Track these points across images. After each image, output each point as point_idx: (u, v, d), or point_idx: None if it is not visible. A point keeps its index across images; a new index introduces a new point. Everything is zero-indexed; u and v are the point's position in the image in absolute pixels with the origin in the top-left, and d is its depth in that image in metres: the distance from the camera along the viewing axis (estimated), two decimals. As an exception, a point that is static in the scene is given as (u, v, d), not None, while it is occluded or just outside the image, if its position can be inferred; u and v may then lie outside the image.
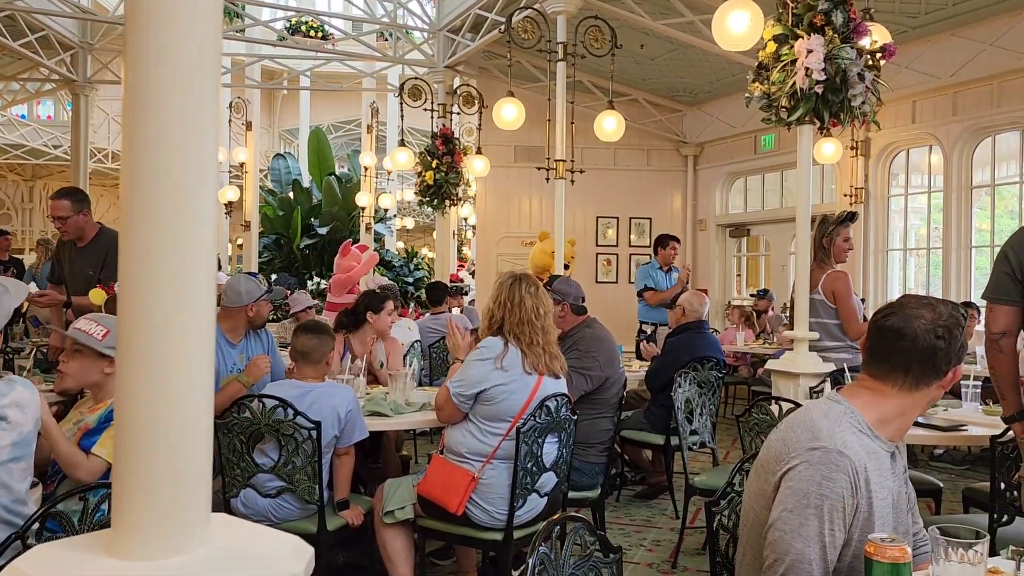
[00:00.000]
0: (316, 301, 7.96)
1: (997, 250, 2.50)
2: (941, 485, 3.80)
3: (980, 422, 3.31)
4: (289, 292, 7.04)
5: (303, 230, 14.02)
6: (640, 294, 7.43)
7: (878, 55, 3.97)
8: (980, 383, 3.56)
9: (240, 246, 13.41)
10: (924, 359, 1.65)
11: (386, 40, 11.48)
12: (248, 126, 11.12)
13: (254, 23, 10.64)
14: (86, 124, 10.51)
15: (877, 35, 4.05)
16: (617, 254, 10.62)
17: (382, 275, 13.66)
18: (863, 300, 4.95)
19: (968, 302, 6.83)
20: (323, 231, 13.90)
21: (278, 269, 13.74)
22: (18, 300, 2.31)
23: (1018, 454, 2.60)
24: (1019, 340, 2.57)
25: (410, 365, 4.21)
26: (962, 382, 3.68)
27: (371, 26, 10.49)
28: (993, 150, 7.50)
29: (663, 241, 7.43)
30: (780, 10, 4.04)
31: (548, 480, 3.19)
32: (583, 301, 4.19)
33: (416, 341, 6.38)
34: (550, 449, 3.16)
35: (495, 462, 3.03)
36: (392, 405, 3.60)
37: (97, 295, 4.07)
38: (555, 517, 1.62)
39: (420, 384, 4.97)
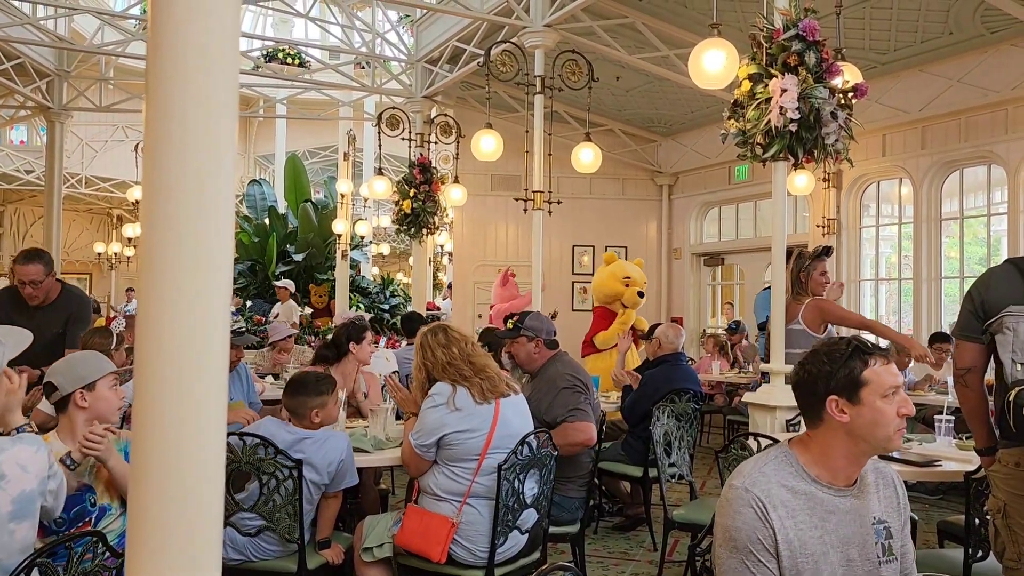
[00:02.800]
0: (296, 331, 7.86)
1: (967, 279, 2.57)
2: (916, 518, 3.84)
3: (954, 456, 3.36)
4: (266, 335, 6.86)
5: (278, 256, 13.94)
6: (761, 327, 6.00)
7: (850, 94, 4.07)
8: (953, 417, 3.62)
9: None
10: (799, 394, 1.81)
11: (363, 68, 11.54)
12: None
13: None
14: (60, 150, 10.43)
15: (849, 75, 4.14)
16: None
17: (356, 302, 13.62)
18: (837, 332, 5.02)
19: (938, 333, 6.94)
20: (299, 257, 13.83)
21: (253, 296, 13.63)
22: (17, 350, 2.22)
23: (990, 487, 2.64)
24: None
25: (389, 399, 4.18)
26: (935, 416, 3.74)
27: (348, 55, 10.54)
28: (961, 182, 7.68)
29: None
30: (755, 50, 4.12)
31: (529, 516, 3.19)
32: (554, 334, 4.22)
33: (394, 372, 6.35)
34: (531, 486, 3.16)
35: (472, 500, 3.03)
36: (372, 440, 3.58)
37: None
38: (544, 568, 1.62)
39: (400, 417, 4.96)
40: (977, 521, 2.92)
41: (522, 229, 9.70)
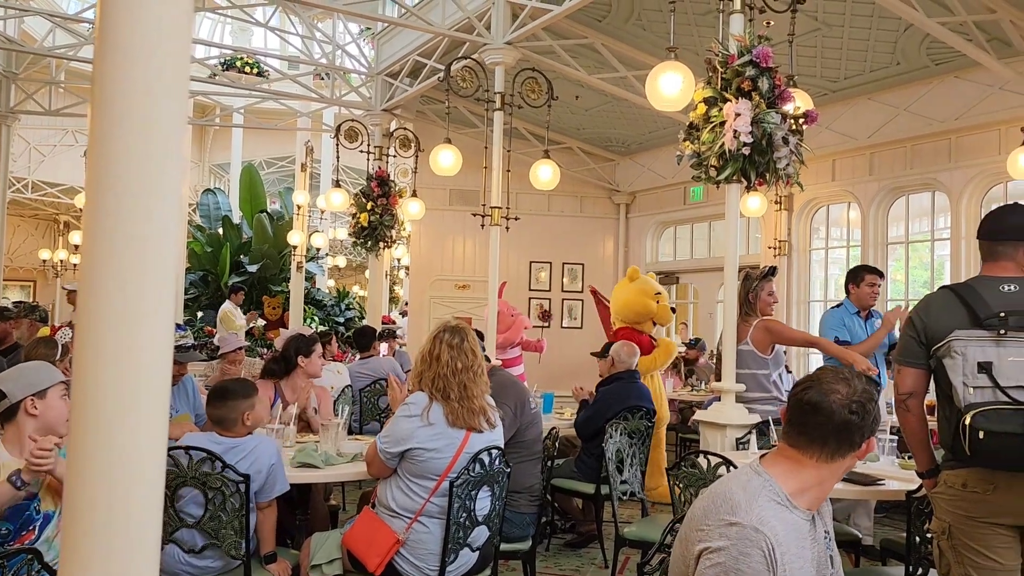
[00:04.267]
0: (247, 343, 7.73)
1: (911, 302, 2.64)
2: (860, 536, 3.92)
3: (897, 476, 3.43)
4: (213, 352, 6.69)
5: (232, 267, 13.74)
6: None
7: (801, 120, 4.16)
8: (896, 437, 3.70)
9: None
10: (840, 433, 1.73)
11: (323, 80, 11.47)
12: (178, 161, 10.90)
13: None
14: (6, 154, 10.14)
15: (800, 101, 4.25)
16: (550, 299, 10.71)
17: (311, 314, 13.47)
18: (784, 352, 5.11)
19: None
20: (253, 268, 13.64)
21: (204, 307, 13.40)
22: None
23: (932, 508, 2.70)
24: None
25: (341, 414, 4.14)
26: (878, 434, 3.83)
27: (308, 66, 10.47)
28: (907, 208, 7.90)
29: (857, 275, 5.19)
30: (710, 74, 4.20)
31: (480, 534, 3.17)
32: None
33: (347, 386, 6.29)
34: (483, 503, 3.15)
35: (424, 519, 3.00)
36: (323, 456, 3.53)
37: None
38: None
39: (351, 432, 4.90)
40: (918, 539, 2.99)
41: (480, 244, 9.71)
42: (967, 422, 2.27)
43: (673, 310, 6.15)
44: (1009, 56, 6.21)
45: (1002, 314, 2.37)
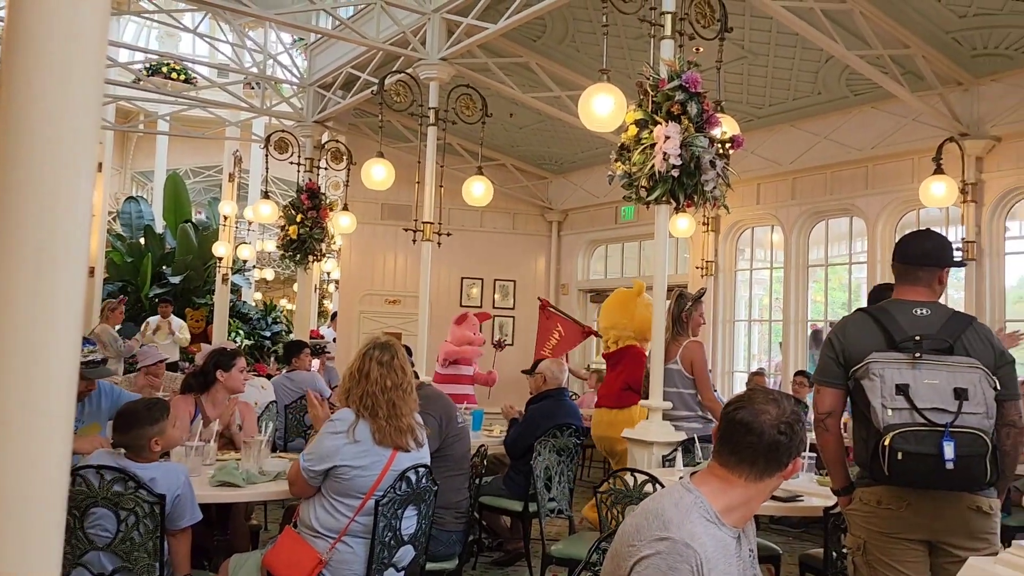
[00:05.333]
0: (167, 356, 7.46)
1: (830, 322, 2.71)
2: (780, 552, 4.01)
3: (815, 492, 3.52)
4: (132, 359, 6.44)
5: (153, 278, 13.29)
6: None
7: (728, 145, 4.27)
8: (814, 454, 3.80)
9: (81, 292, 12.54)
10: (769, 453, 1.77)
11: (253, 89, 11.26)
12: (98, 167, 10.53)
13: (112, 64, 10.16)
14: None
15: (727, 126, 4.36)
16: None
17: (237, 328, 13.14)
18: (710, 370, 5.21)
19: (800, 371, 7.38)
20: (175, 280, 13.23)
21: (123, 319, 12.91)
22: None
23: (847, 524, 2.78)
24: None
25: (265, 430, 4.02)
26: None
27: (238, 74, 10.26)
28: (826, 232, 8.19)
29: (884, 296, 4.47)
30: (641, 97, 4.28)
31: (406, 554, 3.13)
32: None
33: (272, 402, 6.14)
34: (409, 522, 3.10)
35: (348, 539, 2.94)
36: (244, 474, 3.43)
37: None
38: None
39: (276, 449, 4.78)
40: (835, 554, 3.07)
41: (411, 259, 9.64)
42: (886, 443, 2.34)
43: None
44: (922, 89, 6.52)
45: (916, 337, 2.46)
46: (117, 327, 9.17)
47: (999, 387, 2.43)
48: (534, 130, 9.50)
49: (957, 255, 6.12)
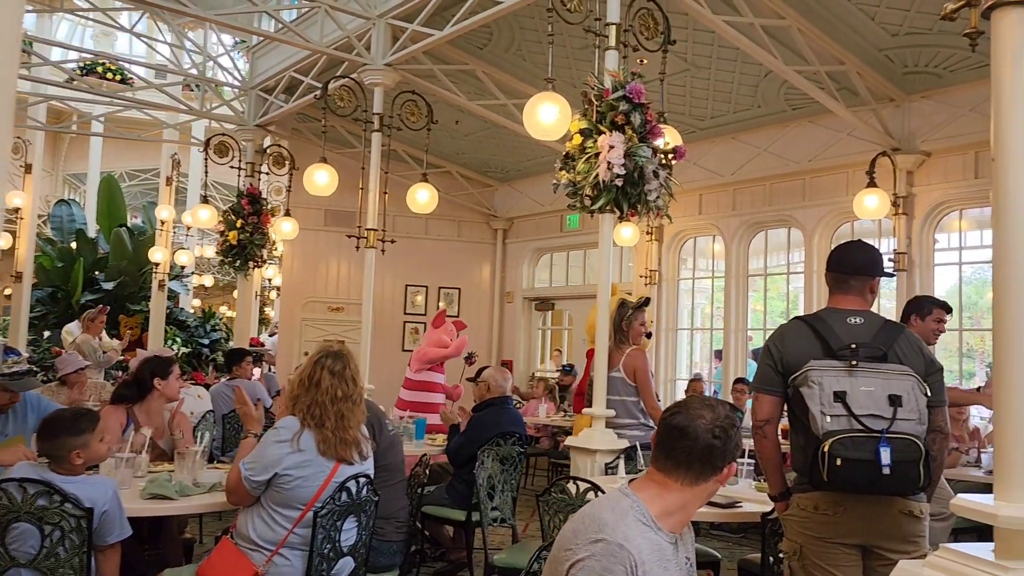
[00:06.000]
0: (88, 363, 7.17)
1: (768, 331, 2.75)
2: (719, 557, 4.05)
3: (753, 498, 3.58)
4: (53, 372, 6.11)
5: (85, 284, 12.86)
6: None
7: (670, 155, 4.33)
8: (753, 461, 3.86)
9: (8, 297, 12.07)
10: (703, 457, 1.80)
11: (192, 91, 11.01)
12: (27, 168, 10.16)
13: (42, 63, 9.83)
14: None
15: (670, 137, 4.42)
16: (425, 323, 10.62)
17: (174, 336, 12.81)
18: (653, 377, 5.27)
19: (739, 378, 7.52)
20: (109, 286, 12.82)
21: (52, 325, 12.47)
22: None
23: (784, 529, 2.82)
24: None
25: (201, 441, 3.91)
26: (738, 460, 3.98)
27: (176, 76, 10.02)
28: (766, 242, 8.37)
29: (923, 306, 4.26)
30: (586, 106, 4.31)
31: (345, 565, 3.07)
32: None
33: (209, 411, 5.98)
34: (348, 534, 3.04)
35: (286, 551, 2.87)
36: (177, 486, 3.32)
37: None
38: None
39: (212, 460, 4.65)
40: (772, 559, 3.11)
41: (355, 266, 9.54)
42: (826, 449, 2.39)
43: (649, 335, 5.50)
44: (856, 105, 6.71)
45: (852, 346, 2.52)
46: (98, 338, 8.86)
47: (929, 394, 2.50)
48: (480, 138, 9.49)
49: (889, 266, 6.31)
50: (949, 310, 4.34)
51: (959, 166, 6.57)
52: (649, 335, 5.14)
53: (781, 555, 2.85)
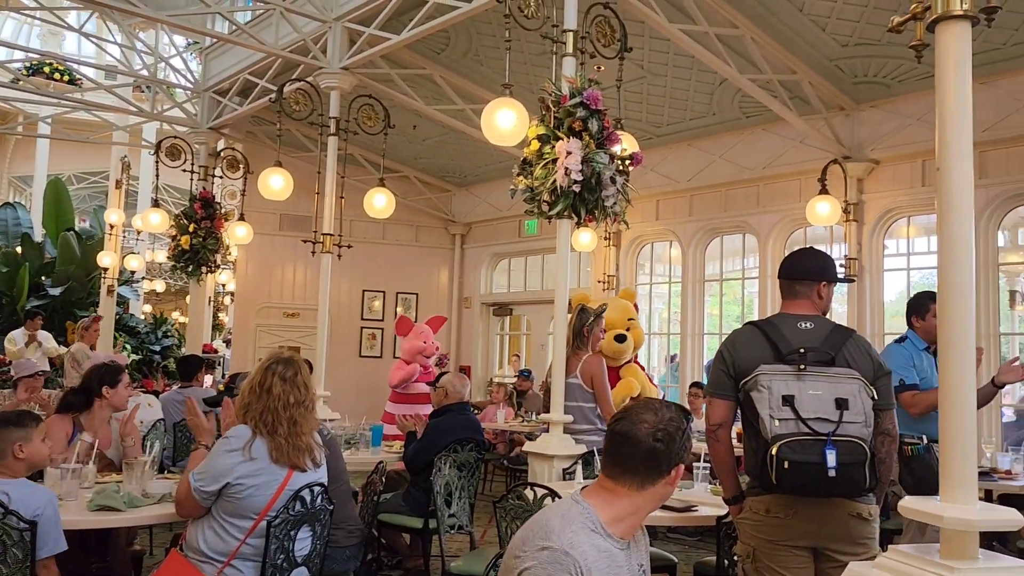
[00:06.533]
0: (41, 368, 7.01)
1: (724, 335, 2.77)
2: (676, 560, 4.08)
3: (709, 502, 3.61)
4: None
5: (31, 289, 12.51)
6: (898, 394, 3.67)
7: (627, 161, 4.36)
8: (708, 464, 3.90)
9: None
10: (647, 460, 1.81)
11: (143, 92, 10.80)
12: (-30, 170, 9.86)
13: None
14: None
15: (627, 143, 4.44)
16: (383, 328, 10.57)
17: (124, 343, 12.52)
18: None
19: (696, 382, 7.59)
20: (55, 292, 12.50)
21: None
22: None
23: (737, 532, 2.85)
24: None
25: (150, 451, 3.82)
26: (693, 464, 4.02)
27: (127, 77, 9.81)
28: (721, 248, 8.48)
29: (922, 306, 4.16)
30: (544, 112, 4.31)
31: (299, 576, 3.01)
32: None
33: (159, 419, 5.85)
34: (303, 543, 2.99)
35: (238, 562, 2.81)
36: (126, 498, 3.23)
37: None
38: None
39: (163, 469, 4.55)
40: (727, 562, 3.14)
41: (311, 271, 9.43)
42: (774, 452, 2.42)
43: (619, 338, 5.12)
44: (809, 113, 6.85)
45: (801, 350, 2.56)
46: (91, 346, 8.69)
47: (876, 397, 2.54)
48: (438, 142, 9.47)
49: (840, 271, 6.44)
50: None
51: (907, 174, 6.74)
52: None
53: (736, 558, 2.88)
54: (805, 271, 2.81)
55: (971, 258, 1.83)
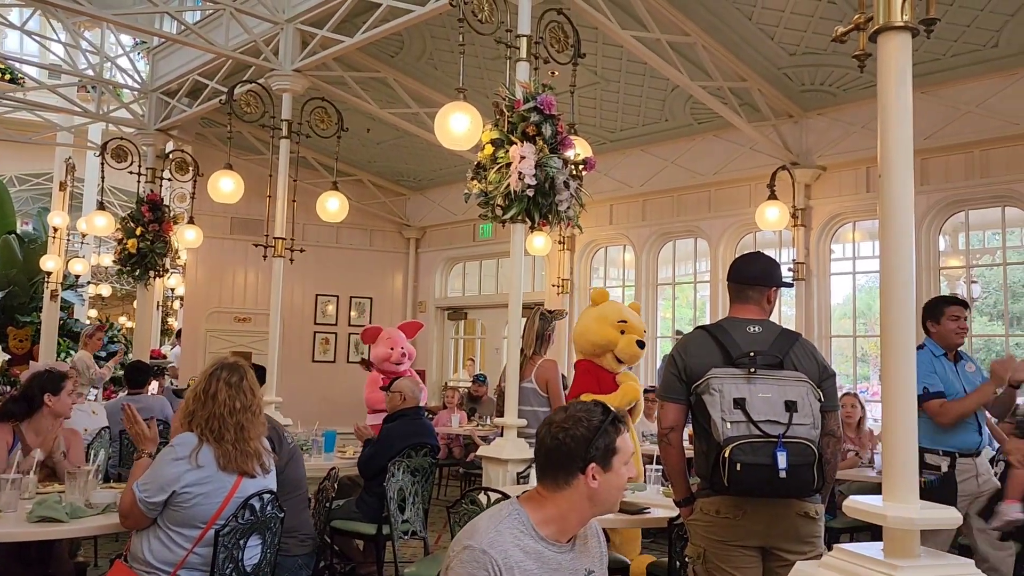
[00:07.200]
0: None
1: (678, 338, 2.80)
2: (629, 562, 4.11)
3: (661, 504, 3.65)
4: None
5: (-30, 294, 12.11)
6: (922, 403, 3.57)
7: (581, 166, 4.39)
8: (660, 467, 3.94)
9: None
10: (551, 459, 1.84)
11: (88, 92, 10.53)
12: (-96, 171, 9.51)
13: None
14: None
15: (580, 148, 4.48)
16: (336, 333, 10.46)
17: (68, 348, 12.18)
18: (565, 388, 5.31)
19: (650, 386, 7.65)
20: (-4, 296, 12.11)
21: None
22: None
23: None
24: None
25: (94, 460, 3.72)
26: (646, 466, 4.06)
27: (71, 76, 9.55)
28: (674, 252, 8.58)
29: (936, 310, 4.07)
30: (497, 117, 4.33)
31: (249, 586, 2.96)
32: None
33: (104, 428, 5.71)
34: (252, 552, 2.94)
35: (185, 572, 2.76)
36: (68, 508, 3.14)
37: None
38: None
39: (107, 479, 4.44)
40: (679, 564, 3.18)
41: (262, 276, 9.30)
42: (726, 455, 2.45)
43: (641, 345, 5.00)
44: (758, 120, 6.97)
45: (751, 353, 2.60)
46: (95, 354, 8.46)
47: (823, 399, 2.60)
48: (392, 146, 9.41)
49: (788, 276, 6.58)
50: (965, 305, 4.05)
51: (852, 180, 6.91)
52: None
53: (687, 559, 2.91)
54: (756, 276, 2.86)
55: (912, 262, 1.88)
